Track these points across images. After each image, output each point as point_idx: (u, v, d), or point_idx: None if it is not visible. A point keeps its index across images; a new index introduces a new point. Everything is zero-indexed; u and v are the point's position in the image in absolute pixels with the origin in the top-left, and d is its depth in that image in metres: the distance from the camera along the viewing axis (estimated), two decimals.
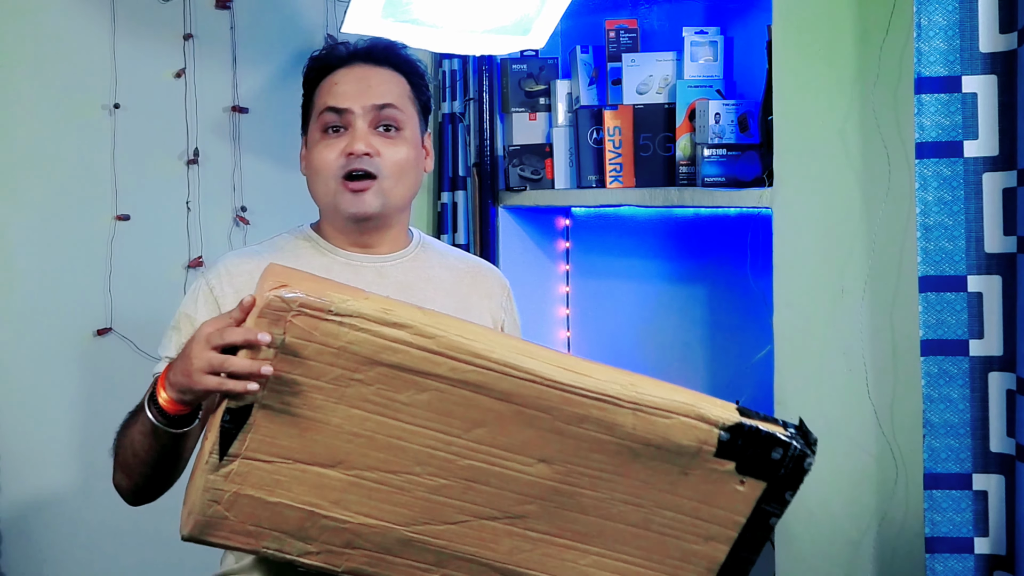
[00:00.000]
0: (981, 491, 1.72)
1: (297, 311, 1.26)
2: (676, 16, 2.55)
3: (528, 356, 1.32)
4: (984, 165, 1.69)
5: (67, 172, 2.49)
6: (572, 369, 1.33)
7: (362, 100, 1.62)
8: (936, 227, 1.71)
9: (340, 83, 1.65)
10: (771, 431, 1.34)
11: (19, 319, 2.45)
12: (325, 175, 1.63)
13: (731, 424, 1.32)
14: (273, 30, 2.69)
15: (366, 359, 1.28)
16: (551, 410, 1.31)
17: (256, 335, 1.26)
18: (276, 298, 1.26)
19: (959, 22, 1.68)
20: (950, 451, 1.72)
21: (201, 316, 1.61)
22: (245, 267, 1.64)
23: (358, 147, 1.60)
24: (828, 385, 2.01)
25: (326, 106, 1.63)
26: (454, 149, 2.78)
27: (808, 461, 1.34)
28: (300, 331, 1.27)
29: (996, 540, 1.71)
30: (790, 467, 1.34)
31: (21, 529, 2.43)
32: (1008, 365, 1.68)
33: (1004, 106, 1.67)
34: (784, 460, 1.33)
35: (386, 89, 1.65)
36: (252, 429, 1.30)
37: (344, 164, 1.61)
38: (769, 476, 1.34)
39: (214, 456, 1.30)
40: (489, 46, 2.25)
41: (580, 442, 1.33)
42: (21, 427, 2.43)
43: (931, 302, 1.72)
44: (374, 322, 1.28)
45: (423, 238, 1.78)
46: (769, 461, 1.34)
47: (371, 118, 1.63)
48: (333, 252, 1.68)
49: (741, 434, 1.33)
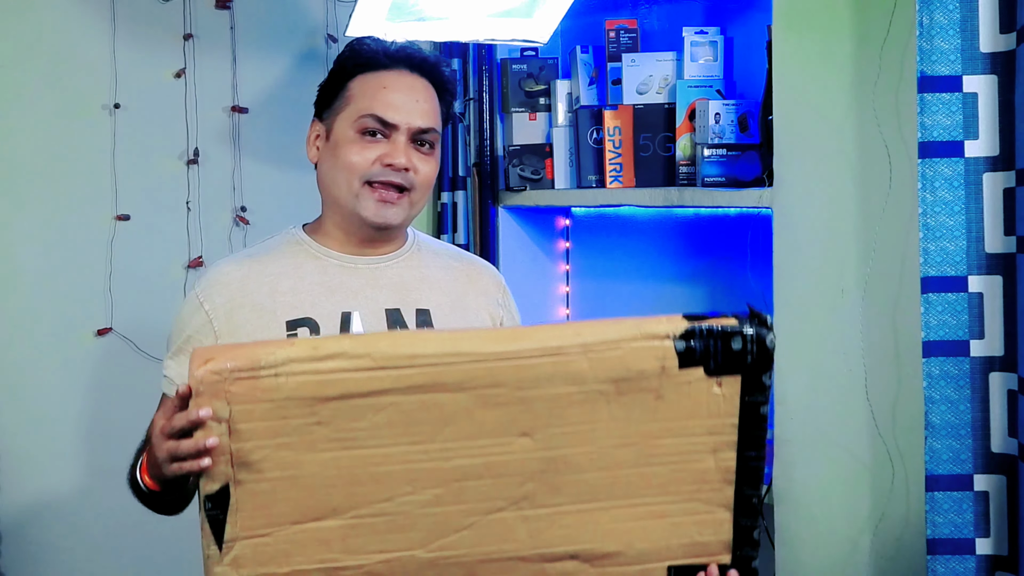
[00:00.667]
0: (982, 492, 1.72)
1: (231, 379, 1.26)
2: (676, 16, 2.55)
3: (463, 340, 1.31)
4: (984, 165, 1.69)
5: (67, 172, 2.49)
6: (511, 337, 1.32)
7: (410, 119, 1.61)
8: (937, 227, 1.71)
9: (390, 89, 1.63)
10: (722, 325, 1.31)
11: (20, 319, 2.45)
12: (350, 175, 1.61)
13: (682, 331, 1.30)
14: (273, 30, 2.69)
15: (314, 400, 1.27)
16: (507, 383, 1.29)
17: (197, 413, 1.27)
18: (206, 373, 1.26)
19: (960, 21, 1.69)
20: (951, 452, 1.72)
21: (192, 329, 1.62)
22: (235, 275, 1.63)
23: (400, 161, 1.60)
24: (828, 385, 2.01)
25: (372, 112, 1.61)
26: (454, 149, 2.78)
27: (770, 339, 1.31)
28: (242, 396, 1.26)
29: (998, 540, 1.71)
30: (755, 352, 1.31)
31: (21, 529, 2.43)
32: (1009, 365, 1.68)
33: (1004, 106, 1.67)
34: (747, 347, 1.31)
35: (430, 108, 1.65)
36: (238, 508, 1.29)
37: (379, 171, 1.60)
38: (740, 368, 1.32)
39: (213, 548, 1.29)
40: (494, 30, 2.24)
41: (548, 404, 1.31)
42: (21, 427, 2.43)
43: (932, 303, 1.72)
44: (306, 361, 1.27)
45: (418, 237, 1.77)
46: (733, 354, 1.31)
47: (412, 135, 1.63)
48: (327, 255, 1.66)
49: (695, 337, 1.31)
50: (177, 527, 1.74)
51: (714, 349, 1.31)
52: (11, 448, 2.41)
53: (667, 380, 1.32)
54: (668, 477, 1.36)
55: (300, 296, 1.61)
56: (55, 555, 2.46)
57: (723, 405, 1.34)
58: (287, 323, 1.59)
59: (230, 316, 1.60)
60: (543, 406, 1.31)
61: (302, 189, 1.71)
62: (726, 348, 1.31)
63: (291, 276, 1.63)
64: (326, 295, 1.62)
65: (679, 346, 1.31)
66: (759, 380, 1.33)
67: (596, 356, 1.30)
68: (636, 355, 1.31)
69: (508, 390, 1.30)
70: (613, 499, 1.35)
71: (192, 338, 1.61)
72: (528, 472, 1.33)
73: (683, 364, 1.31)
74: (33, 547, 2.43)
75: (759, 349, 1.32)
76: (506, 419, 1.31)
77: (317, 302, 1.61)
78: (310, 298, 1.61)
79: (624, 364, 1.31)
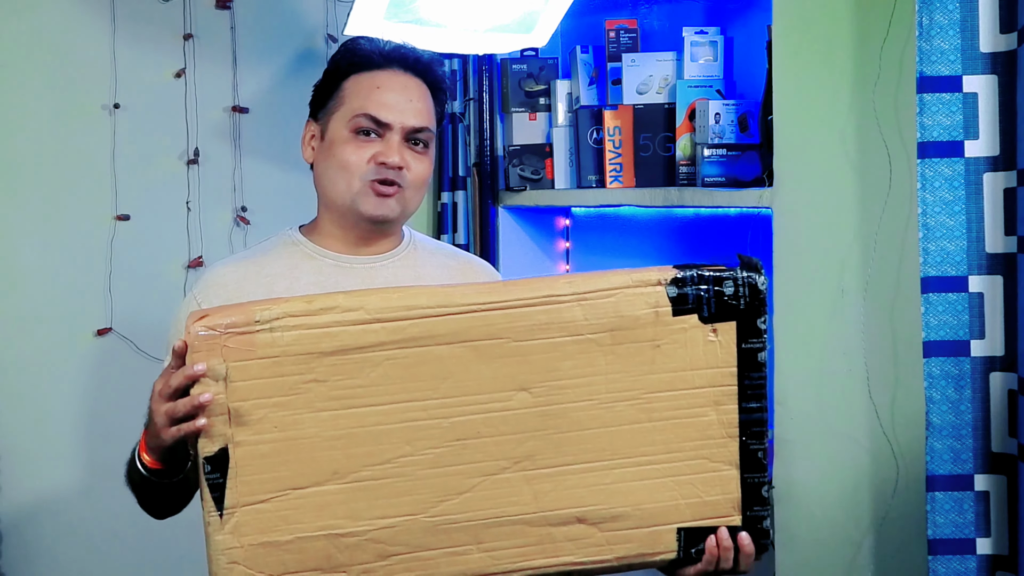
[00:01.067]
0: (983, 492, 1.72)
1: (227, 333, 1.26)
2: (676, 16, 2.55)
3: (456, 291, 1.31)
4: (985, 165, 1.69)
5: (67, 172, 2.49)
6: (504, 287, 1.32)
7: (403, 118, 1.62)
8: (937, 227, 1.71)
9: (383, 89, 1.64)
10: (713, 272, 1.32)
11: (20, 319, 2.45)
12: (349, 175, 1.62)
13: (673, 277, 1.31)
14: (273, 30, 2.69)
15: (310, 355, 1.27)
16: (502, 333, 1.29)
17: (192, 368, 1.28)
18: (201, 327, 1.27)
19: (960, 21, 1.68)
20: (952, 452, 1.72)
21: None
22: (231, 276, 1.64)
23: (394, 159, 1.61)
24: (828, 385, 2.01)
25: (365, 111, 1.62)
26: (454, 149, 2.78)
27: (761, 282, 1.32)
28: (238, 352, 1.26)
29: (998, 540, 1.71)
30: (748, 296, 1.32)
31: (21, 529, 2.43)
32: (1009, 365, 1.68)
33: (1004, 106, 1.67)
34: (739, 292, 1.32)
35: (423, 107, 1.65)
36: (237, 472, 1.29)
37: (375, 170, 1.61)
38: (734, 313, 1.32)
39: (214, 515, 1.29)
40: (492, 45, 2.25)
41: (545, 355, 1.30)
42: (21, 427, 2.43)
43: (933, 303, 1.72)
44: (301, 315, 1.28)
45: (414, 236, 1.78)
46: (726, 299, 1.32)
47: (405, 134, 1.63)
48: (322, 255, 1.67)
49: (687, 283, 1.31)
50: (177, 527, 1.74)
51: (707, 295, 1.32)
52: (11, 448, 2.41)
53: (662, 328, 1.32)
54: (671, 433, 1.35)
55: (295, 296, 1.61)
56: (55, 555, 2.46)
57: (720, 353, 1.33)
58: None
59: None
60: (539, 358, 1.31)
61: (302, 189, 1.71)
62: (718, 294, 1.32)
63: (287, 277, 1.63)
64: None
65: (671, 292, 1.31)
66: (754, 325, 1.33)
67: (589, 303, 1.30)
68: (629, 301, 1.31)
69: (504, 341, 1.30)
70: (617, 458, 1.34)
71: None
72: (527, 429, 1.32)
73: (677, 311, 1.31)
74: (33, 547, 2.43)
75: (751, 293, 1.32)
76: (504, 372, 1.31)
77: None
78: None
79: (617, 311, 1.31)
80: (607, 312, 1.31)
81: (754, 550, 1.38)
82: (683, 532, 1.36)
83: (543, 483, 1.33)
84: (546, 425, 1.32)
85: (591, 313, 1.30)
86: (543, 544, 1.34)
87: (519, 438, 1.32)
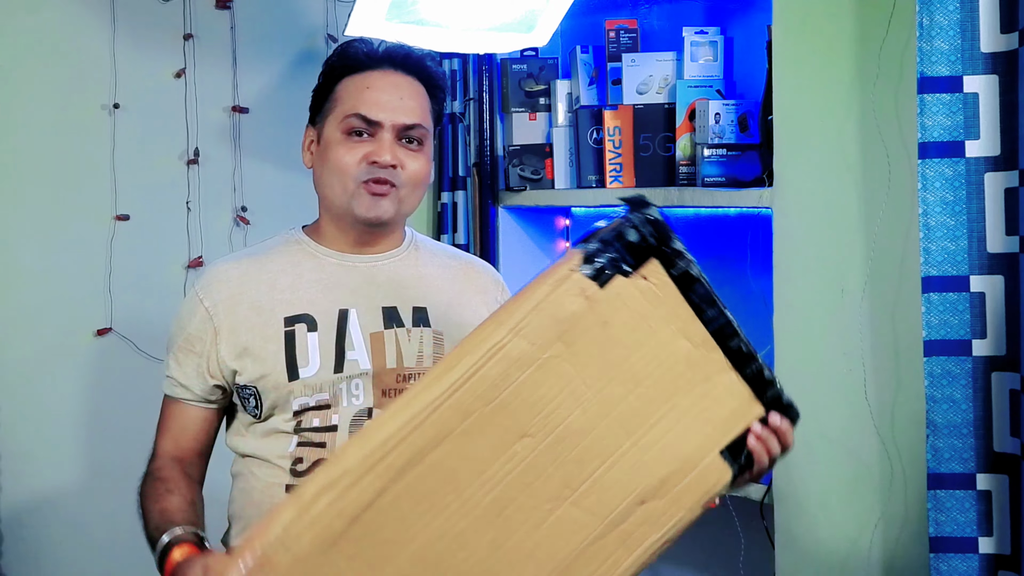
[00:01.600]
0: (985, 491, 1.72)
1: (261, 564, 1.25)
2: (676, 16, 2.55)
3: (412, 398, 1.29)
4: (986, 165, 1.69)
5: (67, 172, 2.48)
6: (448, 366, 1.31)
7: (394, 116, 1.62)
8: (938, 227, 1.71)
9: (373, 88, 1.64)
10: (611, 230, 1.33)
11: (19, 319, 2.44)
12: (344, 176, 1.62)
13: (581, 258, 1.32)
14: (273, 30, 2.69)
15: (332, 543, 1.26)
16: (473, 407, 1.29)
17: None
18: None
19: (960, 22, 1.69)
20: (953, 451, 1.73)
21: (194, 328, 1.62)
22: (233, 273, 1.64)
23: (385, 158, 1.60)
24: (828, 385, 2.01)
25: (356, 112, 1.62)
26: (454, 149, 2.78)
27: (652, 211, 1.33)
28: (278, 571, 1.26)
29: (1000, 539, 1.72)
30: (652, 231, 1.33)
31: (21, 529, 2.43)
32: (1011, 365, 1.69)
33: (1005, 106, 1.67)
34: (644, 233, 1.33)
35: (416, 105, 1.65)
36: None
37: (367, 170, 1.61)
38: (649, 252, 1.33)
39: None
40: (493, 44, 2.25)
41: (520, 397, 1.30)
42: (21, 427, 2.43)
43: (934, 303, 1.72)
44: (300, 517, 1.26)
45: (416, 236, 1.78)
46: (635, 245, 1.33)
47: (398, 132, 1.63)
48: (325, 254, 1.67)
49: (595, 255, 1.32)
50: None
51: (618, 253, 1.33)
52: (11, 448, 2.41)
53: (599, 305, 1.32)
54: (662, 382, 1.35)
55: (298, 293, 1.62)
56: (55, 555, 2.46)
57: (660, 293, 1.34)
58: (285, 319, 1.60)
59: (229, 313, 1.61)
60: (517, 402, 1.31)
61: (302, 189, 1.71)
62: (627, 244, 1.33)
63: (289, 274, 1.64)
64: (323, 292, 1.63)
65: (586, 271, 1.32)
66: (673, 250, 1.34)
67: (526, 329, 1.30)
68: (558, 304, 1.31)
69: (480, 412, 1.30)
70: (634, 434, 1.35)
71: (192, 336, 1.62)
72: (548, 464, 1.32)
73: (602, 283, 1.32)
74: (33, 547, 2.43)
75: (655, 227, 1.33)
76: (497, 435, 1.31)
77: (315, 299, 1.62)
78: (308, 295, 1.62)
79: (554, 319, 1.31)
80: (546, 326, 1.31)
81: (789, 424, 1.41)
82: (726, 451, 1.38)
83: (589, 497, 1.34)
84: (559, 452, 1.33)
85: (533, 337, 1.31)
86: (624, 542, 1.35)
87: (545, 479, 1.33)
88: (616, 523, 1.34)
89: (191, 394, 1.63)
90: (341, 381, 1.59)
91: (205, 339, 1.61)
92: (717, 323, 1.36)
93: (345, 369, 1.60)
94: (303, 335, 1.59)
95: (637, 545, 1.35)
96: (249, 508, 1.61)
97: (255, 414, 1.62)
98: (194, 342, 1.62)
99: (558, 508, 1.33)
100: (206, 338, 1.61)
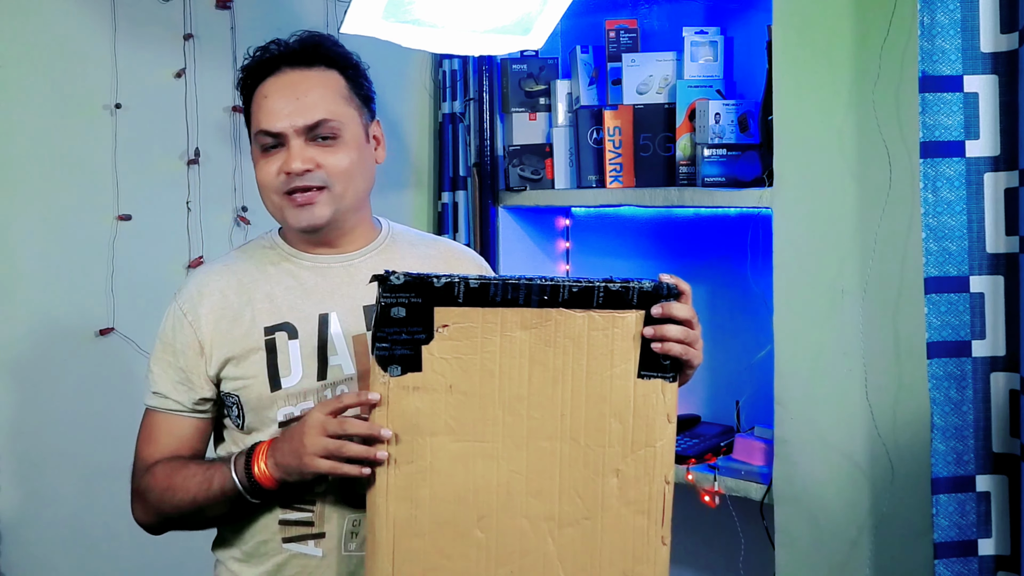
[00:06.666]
0: (984, 492, 1.72)
1: None
2: (676, 16, 2.55)
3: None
4: (985, 165, 1.69)
5: (68, 172, 2.48)
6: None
7: (293, 119, 1.56)
8: (939, 227, 1.71)
9: (270, 97, 1.59)
10: (376, 314, 1.38)
11: (21, 319, 2.44)
12: (268, 192, 1.60)
13: (379, 367, 1.40)
14: (273, 30, 2.65)
15: None
16: None
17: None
18: None
19: (961, 21, 1.69)
20: (955, 454, 1.72)
21: (179, 343, 1.60)
22: (216, 285, 1.62)
23: (295, 166, 1.56)
24: (827, 386, 2.01)
25: (260, 128, 1.58)
26: (454, 149, 2.78)
27: (397, 275, 1.36)
28: None
29: (1000, 540, 1.71)
30: (412, 292, 1.37)
31: (21, 529, 2.43)
32: (1011, 365, 1.68)
33: (1005, 106, 1.67)
34: (407, 298, 1.37)
35: (317, 98, 1.58)
36: None
37: (285, 181, 1.57)
38: (427, 304, 1.38)
39: None
40: (490, 46, 2.25)
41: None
42: (21, 427, 2.43)
43: (935, 303, 1.72)
44: None
45: (393, 228, 1.74)
46: (410, 313, 1.38)
47: (304, 133, 1.58)
48: (298, 256, 1.65)
49: (386, 350, 1.39)
50: None
51: (402, 333, 1.38)
52: (11, 448, 2.41)
53: (433, 382, 1.40)
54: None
55: (276, 302, 1.60)
56: (55, 555, 2.46)
57: (465, 324, 1.39)
58: (264, 329, 1.58)
59: (213, 327, 1.59)
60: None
61: None
62: (401, 320, 1.38)
63: (266, 283, 1.62)
64: (302, 298, 1.61)
65: (394, 372, 1.40)
66: (442, 286, 1.37)
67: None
68: (403, 410, 1.39)
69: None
70: (577, 444, 1.42)
71: (180, 352, 1.60)
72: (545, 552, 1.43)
73: (414, 368, 1.39)
74: (33, 547, 2.43)
75: (408, 286, 1.37)
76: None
77: (294, 306, 1.60)
78: (286, 303, 1.60)
79: (410, 422, 1.40)
80: (410, 428, 1.42)
81: (669, 301, 1.41)
82: (642, 372, 1.42)
83: (570, 537, 1.44)
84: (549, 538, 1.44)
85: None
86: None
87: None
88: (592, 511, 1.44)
89: (181, 406, 1.60)
90: (325, 388, 1.57)
91: (189, 353, 1.59)
92: (525, 296, 1.39)
93: (329, 376, 1.58)
94: (283, 344, 1.57)
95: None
96: (238, 517, 1.60)
97: (238, 424, 1.60)
98: (181, 360, 1.60)
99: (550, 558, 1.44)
100: (190, 352, 1.59)
